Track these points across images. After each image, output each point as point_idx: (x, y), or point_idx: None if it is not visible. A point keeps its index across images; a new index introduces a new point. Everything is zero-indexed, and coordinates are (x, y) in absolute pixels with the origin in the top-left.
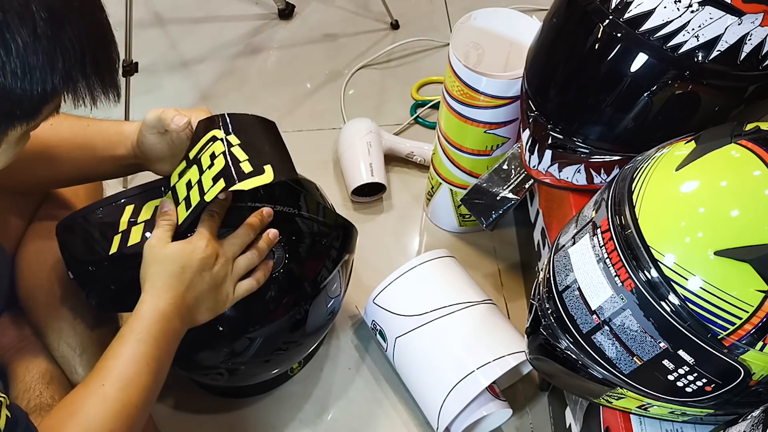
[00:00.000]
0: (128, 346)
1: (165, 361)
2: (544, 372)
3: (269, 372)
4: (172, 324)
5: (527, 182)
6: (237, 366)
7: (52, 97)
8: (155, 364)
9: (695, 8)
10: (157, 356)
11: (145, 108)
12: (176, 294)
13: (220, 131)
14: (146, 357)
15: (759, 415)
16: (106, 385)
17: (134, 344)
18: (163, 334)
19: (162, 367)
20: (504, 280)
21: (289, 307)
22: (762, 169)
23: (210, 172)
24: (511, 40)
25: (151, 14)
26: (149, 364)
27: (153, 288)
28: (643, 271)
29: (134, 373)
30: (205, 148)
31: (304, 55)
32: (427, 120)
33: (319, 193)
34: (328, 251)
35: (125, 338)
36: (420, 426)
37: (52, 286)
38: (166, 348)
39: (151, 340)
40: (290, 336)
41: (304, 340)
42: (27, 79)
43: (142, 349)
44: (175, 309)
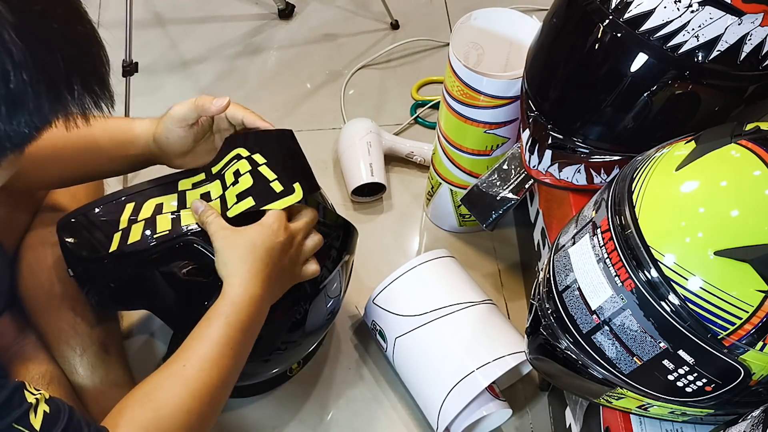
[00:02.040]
0: (214, 328)
1: (249, 345)
2: (544, 372)
3: (268, 371)
4: (262, 307)
5: (527, 182)
6: None
7: (43, 125)
8: (240, 348)
9: (695, 8)
10: (243, 340)
11: (145, 108)
12: (265, 277)
13: (245, 150)
14: (232, 340)
15: (759, 415)
16: (188, 366)
17: (221, 327)
18: (252, 319)
19: (246, 350)
20: (504, 280)
21: (289, 307)
22: (762, 169)
23: (234, 188)
24: (511, 40)
25: (151, 14)
26: (233, 348)
27: (241, 273)
28: (643, 271)
29: (218, 355)
30: (229, 165)
31: (304, 55)
32: (427, 120)
33: (318, 193)
34: (328, 251)
35: (212, 321)
36: (420, 426)
37: (52, 286)
38: (252, 332)
39: (239, 324)
40: (289, 336)
41: (303, 340)
42: (15, 117)
43: (228, 332)
44: (265, 292)
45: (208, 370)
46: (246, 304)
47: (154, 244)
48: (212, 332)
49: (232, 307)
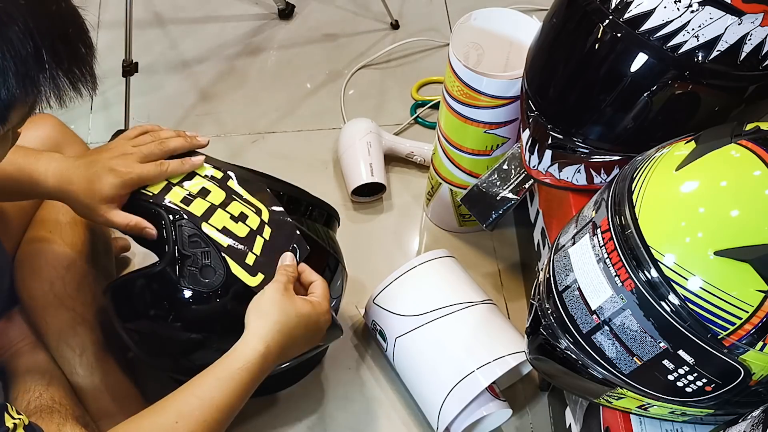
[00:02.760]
0: (220, 391)
1: (242, 403)
2: (544, 372)
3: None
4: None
5: (527, 182)
6: None
7: (13, 103)
8: (234, 413)
9: (695, 8)
10: (239, 404)
11: (145, 108)
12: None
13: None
14: (231, 405)
15: (759, 415)
16: (180, 425)
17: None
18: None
19: (237, 411)
20: (504, 280)
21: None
22: (762, 169)
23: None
24: (511, 40)
25: (151, 14)
26: (230, 414)
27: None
28: (643, 271)
29: (212, 420)
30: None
31: (304, 55)
32: (427, 120)
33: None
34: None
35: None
36: (420, 426)
37: (52, 286)
38: (246, 394)
39: (242, 389)
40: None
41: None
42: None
43: (230, 398)
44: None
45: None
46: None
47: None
48: (216, 395)
49: (244, 373)
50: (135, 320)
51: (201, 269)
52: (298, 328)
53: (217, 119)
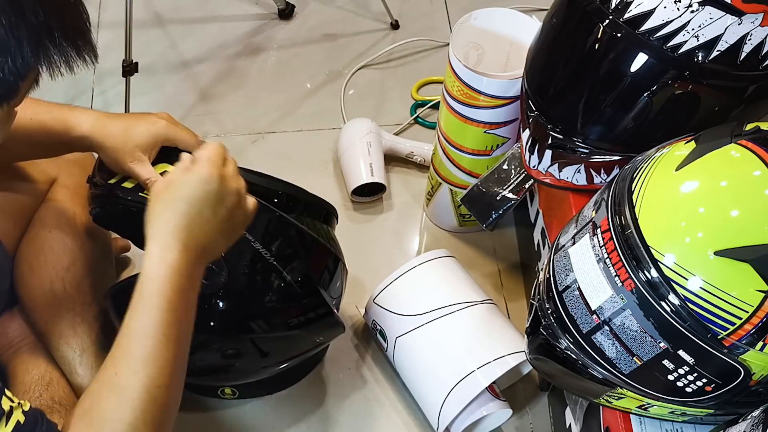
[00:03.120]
0: (139, 318)
1: (186, 321)
2: (544, 372)
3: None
4: (185, 275)
5: (527, 182)
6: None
7: (26, 72)
8: (175, 330)
9: (695, 8)
10: (176, 319)
11: (145, 108)
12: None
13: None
14: (162, 325)
15: (759, 415)
16: (119, 373)
17: (146, 315)
18: (178, 291)
19: (184, 329)
20: (504, 280)
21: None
22: (762, 169)
23: None
24: (511, 40)
25: (151, 14)
26: (168, 334)
27: (159, 237)
28: (643, 271)
29: (151, 349)
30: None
31: (304, 55)
32: (427, 120)
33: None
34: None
35: (135, 309)
36: (420, 426)
37: (52, 286)
38: (184, 306)
39: (164, 302)
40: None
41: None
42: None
43: (155, 317)
44: (191, 255)
45: (145, 369)
46: (168, 276)
47: (131, 198)
48: (138, 324)
49: (153, 286)
50: None
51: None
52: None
53: (217, 119)
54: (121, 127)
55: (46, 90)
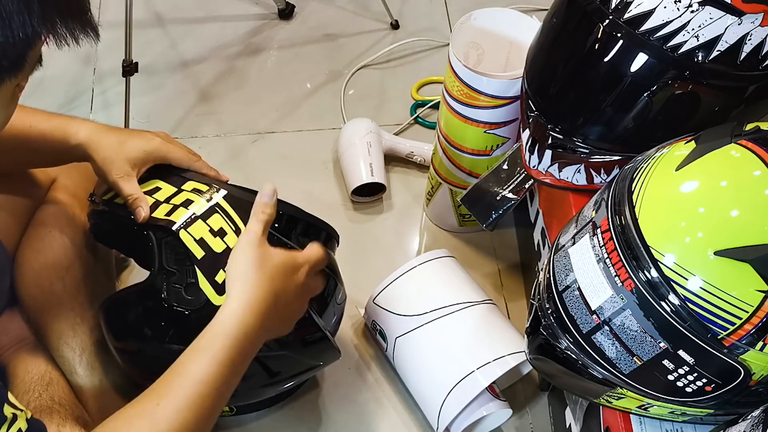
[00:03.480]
0: (198, 362)
1: (235, 382)
2: (544, 372)
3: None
4: (253, 340)
5: (527, 182)
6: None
7: (34, 41)
8: (224, 388)
9: (695, 8)
10: (228, 377)
11: (145, 108)
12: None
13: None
14: (216, 377)
15: (759, 415)
16: (161, 405)
17: (206, 361)
18: (242, 352)
19: (230, 388)
20: (504, 280)
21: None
22: (762, 169)
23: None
24: (511, 40)
25: (151, 14)
26: (217, 387)
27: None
28: (643, 271)
29: (197, 396)
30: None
31: (304, 55)
32: (427, 120)
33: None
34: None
35: (198, 354)
36: (420, 426)
37: (52, 286)
38: (240, 368)
39: (225, 358)
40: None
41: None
42: (7, 26)
43: (212, 368)
44: (260, 323)
45: (185, 411)
46: (238, 336)
47: (121, 214)
48: (195, 368)
49: (226, 341)
50: (126, 338)
51: (185, 287)
52: (280, 280)
53: (217, 119)
54: (116, 139)
55: (47, 89)
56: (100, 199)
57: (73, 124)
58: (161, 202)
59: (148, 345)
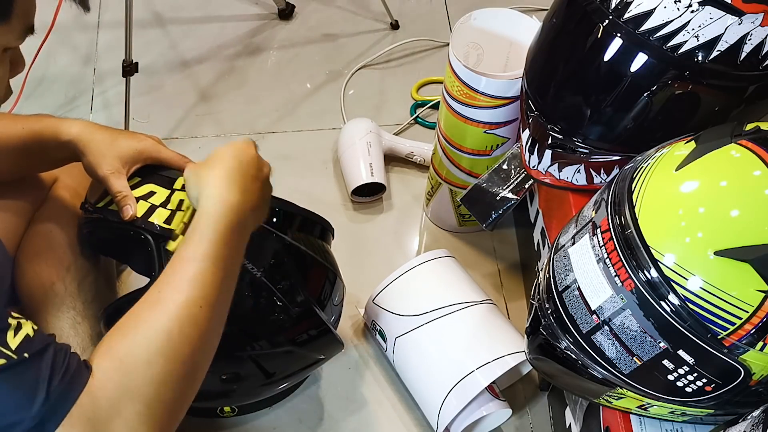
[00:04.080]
0: (190, 245)
1: (234, 259)
2: (544, 372)
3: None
4: (243, 216)
5: (527, 182)
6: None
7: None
8: (223, 263)
9: (695, 8)
10: (225, 253)
11: (145, 108)
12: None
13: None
14: (212, 255)
15: (759, 415)
16: (163, 290)
17: (197, 242)
18: (231, 228)
19: (231, 266)
20: (504, 280)
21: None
22: (762, 169)
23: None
24: (511, 40)
25: (151, 14)
26: (216, 263)
27: (213, 184)
28: (643, 271)
29: (197, 272)
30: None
31: (304, 55)
32: (427, 120)
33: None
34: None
35: (187, 240)
36: (420, 426)
37: (53, 286)
38: (235, 244)
39: (216, 236)
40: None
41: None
42: None
43: (205, 246)
44: (244, 199)
45: (187, 289)
46: (225, 213)
47: (116, 221)
48: (188, 251)
49: (208, 219)
50: None
51: None
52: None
53: (217, 119)
54: (108, 136)
55: (47, 89)
56: (94, 207)
57: (65, 122)
58: (157, 206)
59: None
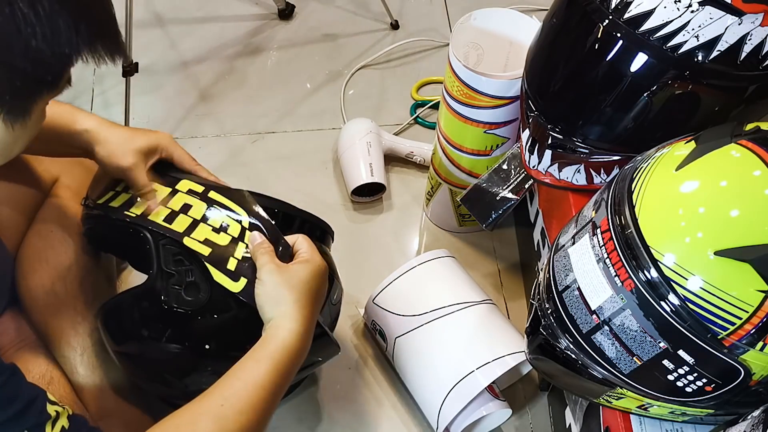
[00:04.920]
0: (261, 371)
1: (288, 382)
2: (544, 372)
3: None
4: (307, 344)
5: (527, 182)
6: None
7: (74, 59)
8: (281, 391)
9: (695, 8)
10: (285, 383)
11: (145, 108)
12: (310, 312)
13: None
14: (276, 385)
15: (759, 415)
16: (226, 407)
17: (269, 372)
18: (298, 359)
19: (282, 394)
20: (504, 280)
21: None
22: (762, 169)
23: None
24: (511, 40)
25: (151, 14)
26: (275, 392)
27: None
28: (642, 271)
29: (258, 400)
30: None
31: (304, 55)
32: (427, 120)
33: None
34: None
35: (261, 362)
36: (420, 426)
37: (53, 286)
38: (292, 369)
39: (285, 367)
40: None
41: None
42: (56, 42)
43: (274, 377)
44: (311, 326)
45: (248, 413)
46: (295, 346)
47: (116, 217)
48: (258, 376)
49: (283, 352)
50: (125, 342)
51: (185, 287)
52: (311, 291)
53: (217, 119)
54: (126, 131)
55: None
56: (95, 203)
57: (82, 112)
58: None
59: (148, 347)
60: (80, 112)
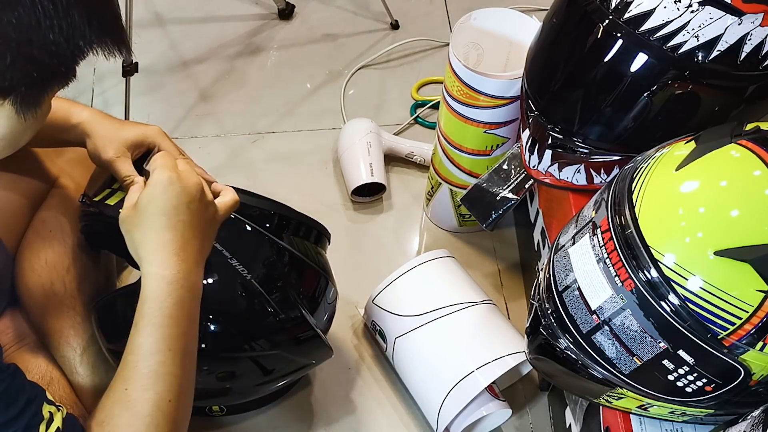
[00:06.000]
0: (143, 335)
1: (191, 331)
2: (544, 372)
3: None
4: (185, 286)
5: (527, 182)
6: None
7: (86, 52)
8: (181, 343)
9: (695, 8)
10: (179, 333)
11: (145, 108)
12: (179, 246)
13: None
14: (167, 341)
15: (759, 415)
16: (129, 389)
17: (150, 332)
18: (179, 304)
19: (190, 340)
20: (504, 280)
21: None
22: (762, 169)
23: None
24: (511, 40)
25: (151, 14)
26: (173, 348)
27: (152, 257)
28: (643, 271)
29: (157, 365)
30: None
31: (304, 55)
32: (427, 120)
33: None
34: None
35: (139, 327)
36: (420, 426)
37: (52, 286)
38: (187, 317)
39: (166, 319)
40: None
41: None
42: (71, 35)
43: (159, 334)
44: (186, 264)
45: (154, 387)
46: (169, 293)
47: (110, 215)
48: (143, 342)
49: (160, 306)
50: (119, 340)
51: None
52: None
53: (217, 119)
54: (115, 122)
55: None
56: (91, 200)
57: (77, 105)
58: None
59: None
60: (75, 105)
